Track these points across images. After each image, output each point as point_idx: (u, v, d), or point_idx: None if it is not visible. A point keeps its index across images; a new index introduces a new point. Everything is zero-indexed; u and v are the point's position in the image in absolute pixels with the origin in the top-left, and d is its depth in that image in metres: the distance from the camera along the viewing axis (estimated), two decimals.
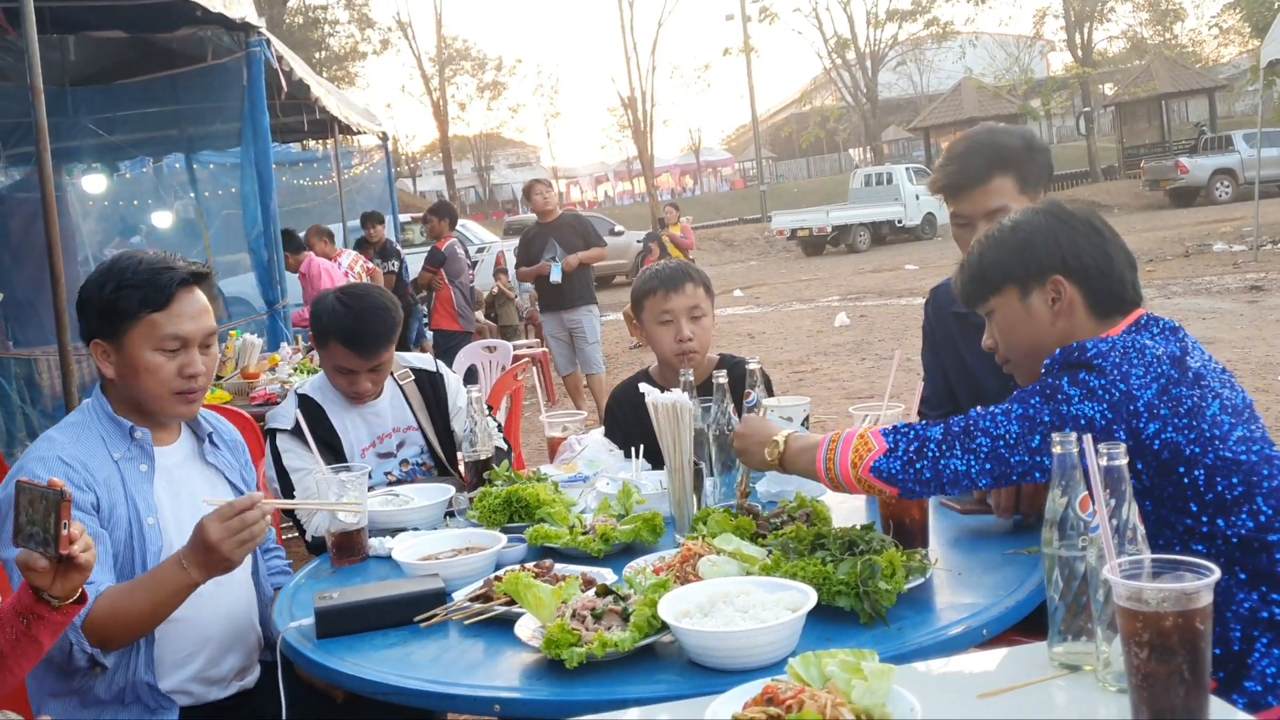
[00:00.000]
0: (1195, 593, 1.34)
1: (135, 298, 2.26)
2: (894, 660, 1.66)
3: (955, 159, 2.78)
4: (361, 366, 3.05)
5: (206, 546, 2.07)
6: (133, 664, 2.23)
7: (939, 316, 3.03)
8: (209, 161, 12.26)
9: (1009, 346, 2.21)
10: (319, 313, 3.10)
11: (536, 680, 1.73)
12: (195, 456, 2.47)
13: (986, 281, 2.19)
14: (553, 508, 2.50)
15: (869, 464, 2.03)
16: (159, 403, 2.33)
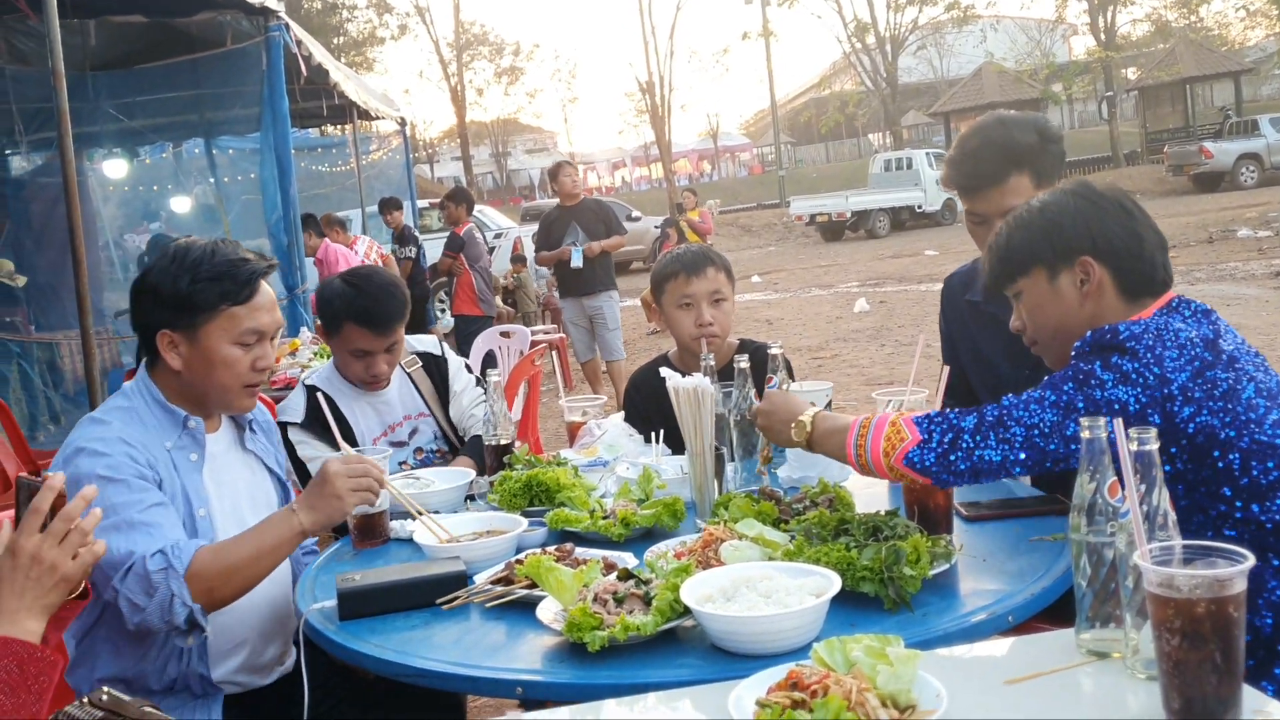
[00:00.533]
0: (1229, 579, 1.32)
1: (215, 290, 2.25)
2: (919, 646, 1.64)
3: (969, 156, 2.72)
4: (378, 346, 3.05)
5: (324, 479, 2.11)
6: (186, 655, 2.23)
7: (952, 304, 3.01)
8: (228, 147, 12.32)
9: (1037, 328, 2.19)
10: (328, 298, 3.10)
11: (558, 663, 1.72)
12: (236, 445, 2.48)
13: (1014, 263, 2.17)
14: (573, 492, 2.49)
15: (902, 454, 2.01)
16: (228, 395, 2.32)
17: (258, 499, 2.46)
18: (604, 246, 8.82)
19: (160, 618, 2.07)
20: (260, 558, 2.13)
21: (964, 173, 2.73)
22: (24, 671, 1.59)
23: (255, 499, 2.45)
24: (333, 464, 2.13)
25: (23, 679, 1.58)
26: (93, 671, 2.20)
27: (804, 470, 2.60)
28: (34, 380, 8.02)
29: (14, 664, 1.59)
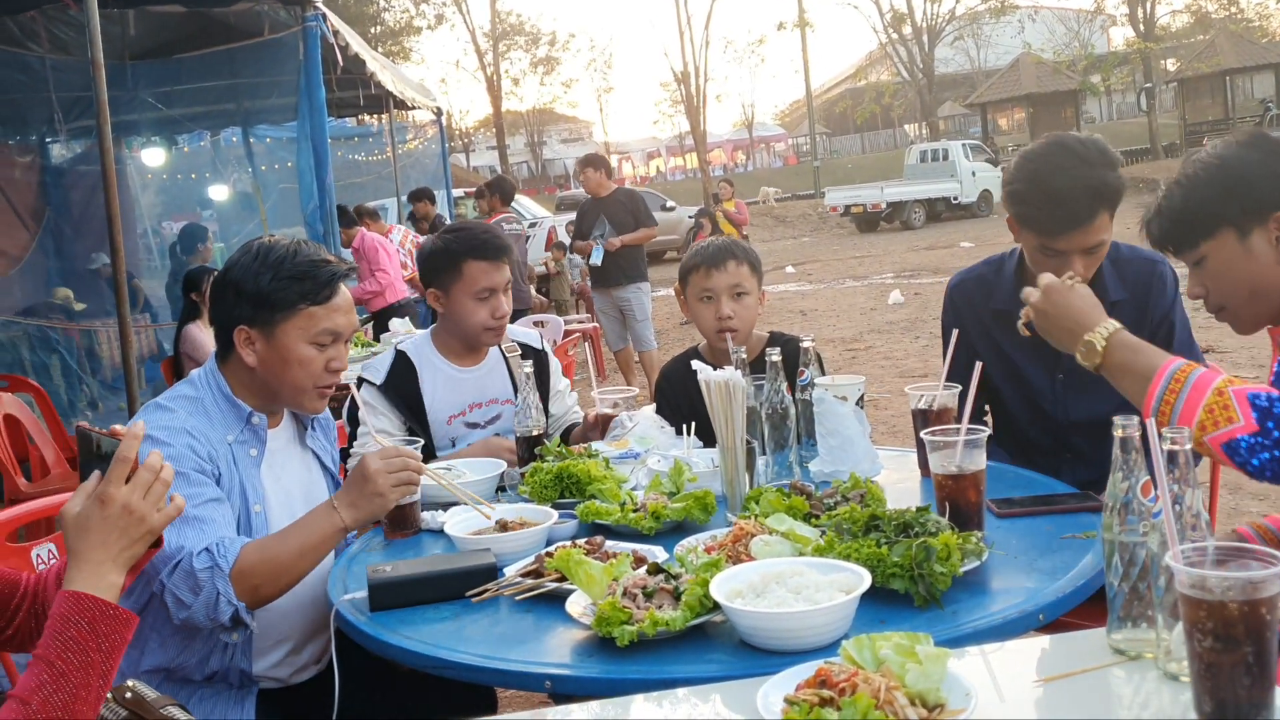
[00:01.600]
0: (1262, 581, 1.30)
1: (295, 289, 2.28)
2: (948, 644, 1.63)
3: (1057, 202, 2.59)
4: (499, 280, 3.12)
5: (364, 476, 2.12)
6: (230, 649, 2.25)
7: (971, 311, 2.95)
8: (265, 135, 12.39)
9: (1226, 294, 2.06)
10: (439, 248, 3.16)
11: (587, 657, 1.73)
12: (295, 441, 2.50)
13: (1196, 226, 2.02)
14: (604, 484, 2.50)
15: (1226, 437, 1.85)
16: (300, 395, 2.35)
17: (313, 497, 2.48)
18: (625, 241, 8.75)
19: (205, 615, 2.09)
20: (304, 554, 2.15)
21: (1055, 218, 2.59)
22: (94, 630, 1.58)
23: (311, 497, 2.47)
24: (372, 461, 2.14)
25: (94, 637, 1.57)
26: (140, 658, 2.22)
27: (835, 465, 2.59)
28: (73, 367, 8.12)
29: (85, 621, 1.58)
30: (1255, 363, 8.15)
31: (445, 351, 3.20)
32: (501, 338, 3.18)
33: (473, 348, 3.18)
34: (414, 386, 3.11)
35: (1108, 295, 2.71)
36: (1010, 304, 2.81)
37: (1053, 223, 2.60)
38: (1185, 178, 2.03)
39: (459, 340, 3.19)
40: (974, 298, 2.97)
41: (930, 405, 2.53)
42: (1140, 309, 2.73)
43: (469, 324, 3.14)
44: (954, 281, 3.07)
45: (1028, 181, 2.62)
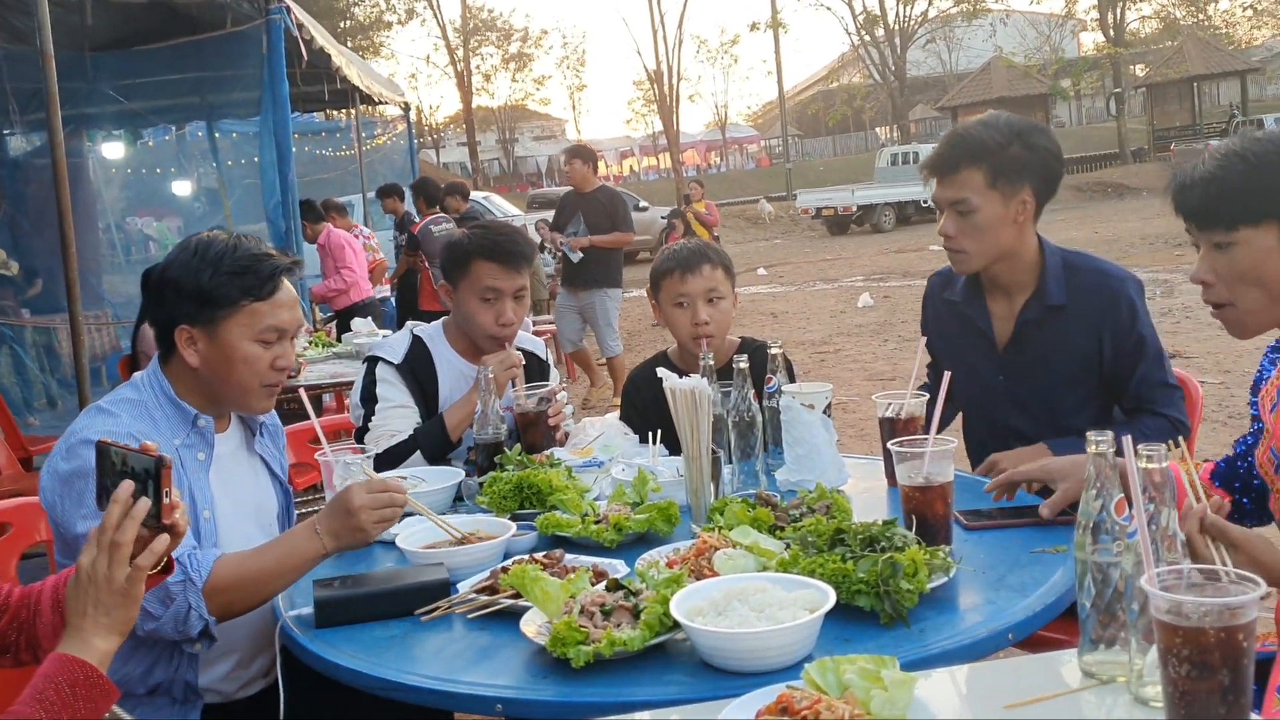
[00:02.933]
0: (1240, 607, 1.26)
1: (237, 285, 2.19)
2: (916, 664, 1.59)
3: (939, 144, 2.77)
4: (509, 284, 3.04)
5: (347, 511, 2.03)
6: (175, 660, 2.17)
7: (934, 307, 3.00)
8: (231, 130, 12.24)
9: (1241, 289, 1.89)
10: (455, 243, 3.11)
11: (541, 679, 1.66)
12: (243, 447, 2.41)
13: (1243, 207, 1.84)
14: (565, 494, 2.43)
15: None
16: (245, 395, 2.26)
17: (262, 504, 2.41)
18: (595, 243, 8.53)
19: (174, 628, 2.01)
20: (283, 575, 2.06)
21: (930, 158, 2.76)
22: (74, 694, 1.52)
23: (260, 504, 2.40)
24: (357, 495, 2.04)
25: (72, 700, 1.51)
26: None
27: (802, 474, 2.54)
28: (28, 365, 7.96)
29: (66, 684, 1.52)
30: (1220, 368, 8.19)
31: (456, 345, 3.13)
32: (505, 346, 3.08)
33: (478, 349, 3.10)
34: (431, 373, 3.06)
35: (1047, 298, 2.72)
36: (959, 296, 2.87)
37: (927, 164, 2.75)
38: (1253, 154, 1.84)
39: (466, 339, 3.12)
40: (937, 293, 3.00)
41: (898, 413, 2.49)
42: (1089, 320, 2.71)
43: (472, 325, 3.07)
44: (930, 278, 3.09)
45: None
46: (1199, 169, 1.89)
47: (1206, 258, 1.91)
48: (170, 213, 13.47)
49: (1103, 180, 34.44)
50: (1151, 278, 13.56)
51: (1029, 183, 2.68)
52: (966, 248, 2.70)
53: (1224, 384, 7.61)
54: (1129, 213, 25.62)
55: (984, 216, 2.66)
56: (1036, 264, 2.76)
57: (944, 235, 2.73)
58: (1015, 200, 2.67)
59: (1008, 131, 2.68)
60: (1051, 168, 2.72)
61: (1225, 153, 1.87)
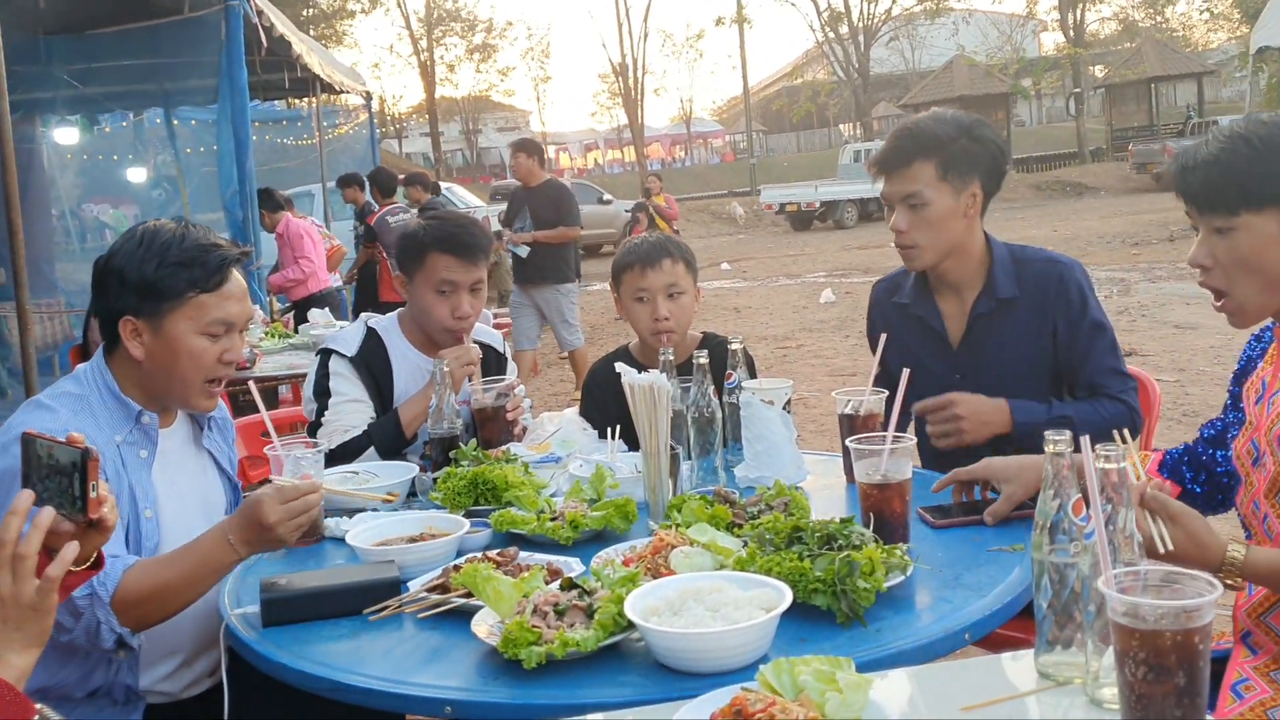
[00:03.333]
0: (1196, 610, 1.25)
1: (183, 277, 2.13)
2: (872, 664, 1.58)
3: (888, 139, 2.76)
4: (465, 277, 2.97)
5: (262, 526, 1.96)
6: (115, 663, 2.11)
7: (880, 309, 2.99)
8: (190, 118, 12.08)
9: (1239, 274, 1.85)
10: (410, 234, 3.05)
11: (492, 680, 1.62)
12: (190, 441, 2.36)
13: (1247, 191, 1.80)
14: (521, 491, 2.39)
15: None
16: (188, 390, 2.20)
17: (210, 500, 2.36)
18: (539, 239, 8.34)
19: (87, 640, 1.95)
20: (194, 584, 2.00)
21: (879, 153, 2.76)
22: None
23: (207, 500, 2.35)
24: (271, 511, 1.96)
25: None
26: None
27: (760, 470, 2.52)
28: None
29: None
30: (1175, 366, 8.27)
31: (411, 338, 3.08)
32: (461, 340, 3.03)
33: (434, 342, 3.04)
34: (386, 366, 3.00)
35: (998, 291, 2.73)
36: (908, 298, 2.88)
37: (875, 160, 2.75)
38: (1259, 138, 1.80)
39: (421, 331, 3.06)
40: (884, 297, 2.99)
41: (857, 410, 2.47)
42: (1041, 310, 2.73)
43: (427, 318, 3.01)
44: (874, 284, 3.08)
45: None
46: (1202, 151, 1.86)
47: (1206, 241, 1.87)
48: (126, 200, 13.29)
49: (1061, 179, 34.78)
50: (1109, 276, 13.69)
51: (978, 176, 2.69)
52: (919, 242, 2.70)
53: (1179, 382, 7.69)
54: (1087, 211, 25.88)
55: (936, 210, 2.67)
56: (984, 259, 2.77)
57: (896, 231, 2.72)
58: (966, 193, 2.68)
59: (955, 125, 2.69)
60: (998, 161, 2.74)
61: (1230, 135, 1.84)
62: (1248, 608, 1.92)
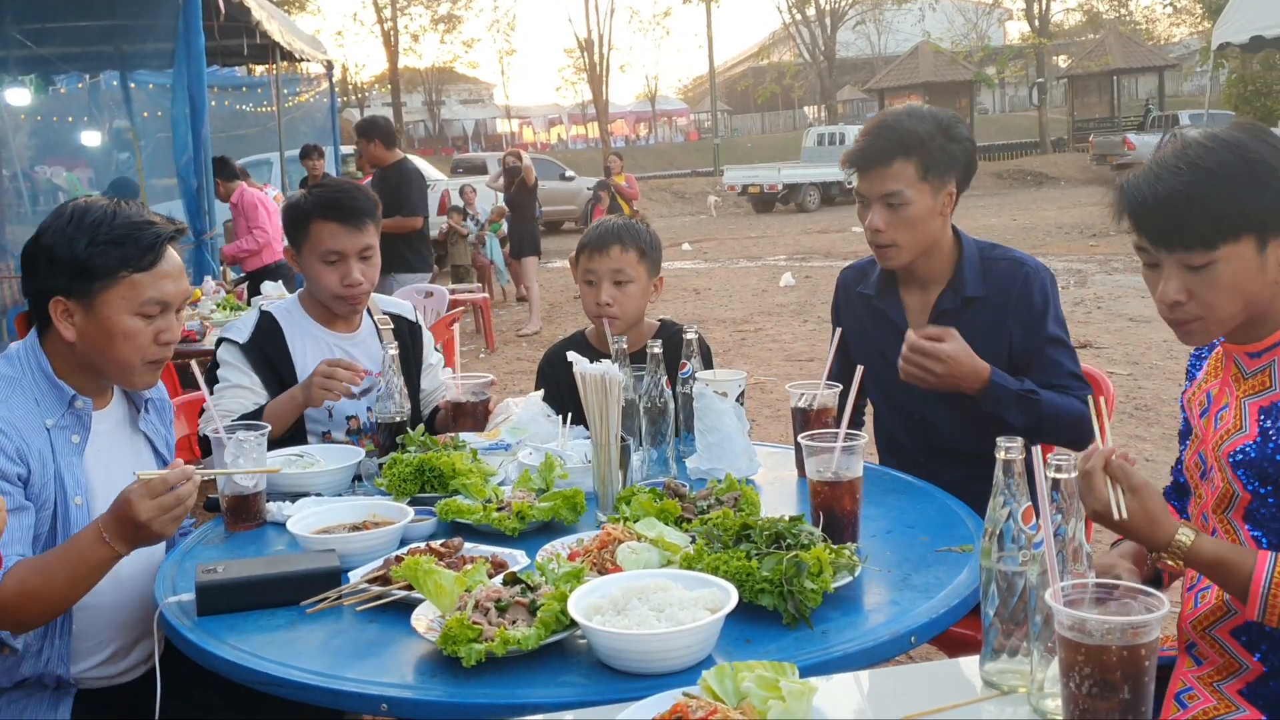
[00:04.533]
0: (1143, 626, 1.24)
1: (115, 255, 2.06)
2: (817, 667, 1.56)
3: (865, 135, 2.71)
4: (351, 245, 2.90)
5: (135, 524, 1.88)
6: (45, 653, 2.06)
7: (848, 299, 2.96)
8: (147, 81, 11.86)
9: (1216, 306, 1.78)
10: (292, 205, 2.99)
11: (430, 678, 1.59)
12: (126, 423, 2.29)
13: (1223, 226, 1.73)
14: (468, 479, 2.35)
15: None
16: (127, 372, 2.14)
17: None
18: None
19: None
20: (75, 584, 1.93)
21: (855, 150, 2.71)
22: None
23: None
24: (143, 509, 1.87)
25: None
26: None
27: (712, 462, 2.50)
28: None
29: None
30: (1129, 359, 8.35)
31: (314, 314, 3.01)
32: (357, 306, 2.98)
33: (333, 314, 2.99)
34: (282, 348, 2.92)
35: (964, 289, 2.71)
36: (872, 289, 2.85)
37: (852, 158, 2.70)
38: (1219, 167, 1.73)
39: (320, 305, 3.00)
40: (851, 286, 2.96)
41: (810, 405, 2.45)
42: (1002, 310, 2.70)
43: (318, 289, 2.96)
44: (843, 270, 3.05)
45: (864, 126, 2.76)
46: (1159, 186, 1.77)
47: (1178, 278, 1.78)
48: (81, 163, 13.05)
49: (1022, 168, 35.00)
50: (1066, 267, 13.80)
51: (955, 175, 2.67)
52: (899, 241, 2.66)
53: (1132, 375, 7.76)
54: (1047, 201, 26.07)
55: (916, 209, 2.64)
56: (953, 255, 2.75)
57: (874, 229, 2.67)
58: (943, 192, 2.66)
59: (934, 124, 2.65)
60: (972, 159, 2.72)
61: (1188, 167, 1.75)
62: (1193, 620, 1.92)
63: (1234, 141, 1.75)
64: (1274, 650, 1.82)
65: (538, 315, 11.91)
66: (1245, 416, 1.85)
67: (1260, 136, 1.77)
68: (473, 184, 15.73)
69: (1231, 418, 1.87)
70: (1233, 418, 1.87)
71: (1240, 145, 1.75)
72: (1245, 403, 1.86)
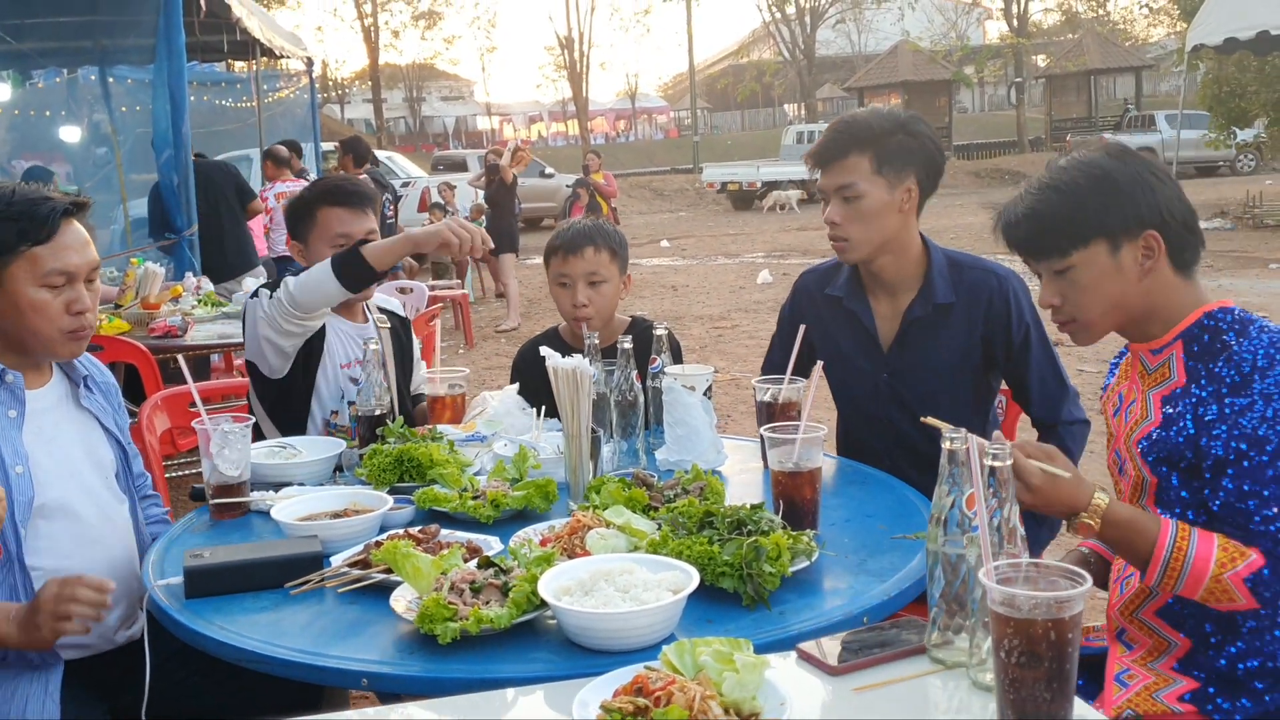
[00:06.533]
0: (1068, 601, 1.34)
1: (13, 230, 2.15)
2: (774, 645, 1.65)
3: (825, 132, 2.81)
4: (358, 228, 3.04)
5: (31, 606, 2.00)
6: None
7: (809, 300, 2.98)
8: (126, 77, 11.84)
9: (1084, 306, 2.01)
10: (297, 198, 3.13)
11: (408, 655, 1.68)
12: (68, 399, 2.36)
13: (1071, 234, 1.96)
14: (445, 469, 2.44)
15: (1243, 574, 1.82)
16: (48, 344, 2.22)
17: (96, 455, 2.37)
18: None
19: None
20: None
21: (815, 146, 2.80)
22: None
23: (92, 454, 2.36)
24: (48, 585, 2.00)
25: None
26: None
27: (681, 454, 2.60)
28: None
29: None
30: (1099, 357, 8.48)
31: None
32: (367, 293, 3.06)
33: (344, 305, 3.06)
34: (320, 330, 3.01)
35: (935, 296, 2.76)
36: (843, 291, 2.88)
37: (812, 152, 2.80)
38: (1064, 184, 1.97)
39: None
40: (813, 288, 3.00)
41: (775, 399, 2.55)
42: (974, 318, 2.76)
43: None
44: (803, 273, 3.11)
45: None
46: (1019, 206, 2.02)
47: (1049, 283, 2.03)
48: (59, 157, 13.02)
49: (1000, 167, 35.23)
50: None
51: (914, 171, 2.71)
52: (852, 234, 2.72)
53: (1101, 373, 7.90)
54: None
55: (870, 202, 2.69)
56: (921, 262, 2.79)
57: (830, 223, 2.74)
58: (901, 188, 2.70)
59: (892, 120, 2.73)
60: (934, 158, 2.76)
61: (1039, 187, 2.00)
62: (1120, 606, 2.04)
63: (1087, 161, 1.98)
64: (1197, 624, 1.94)
65: (516, 311, 11.99)
66: (1150, 406, 1.99)
67: (1114, 155, 1.99)
68: (451, 181, 15.80)
69: (1139, 410, 2.02)
70: (1140, 409, 2.02)
71: (1090, 163, 1.97)
72: (1150, 394, 2.01)
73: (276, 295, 2.77)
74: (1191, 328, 1.97)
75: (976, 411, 2.83)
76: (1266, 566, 1.81)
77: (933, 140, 2.79)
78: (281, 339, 2.83)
